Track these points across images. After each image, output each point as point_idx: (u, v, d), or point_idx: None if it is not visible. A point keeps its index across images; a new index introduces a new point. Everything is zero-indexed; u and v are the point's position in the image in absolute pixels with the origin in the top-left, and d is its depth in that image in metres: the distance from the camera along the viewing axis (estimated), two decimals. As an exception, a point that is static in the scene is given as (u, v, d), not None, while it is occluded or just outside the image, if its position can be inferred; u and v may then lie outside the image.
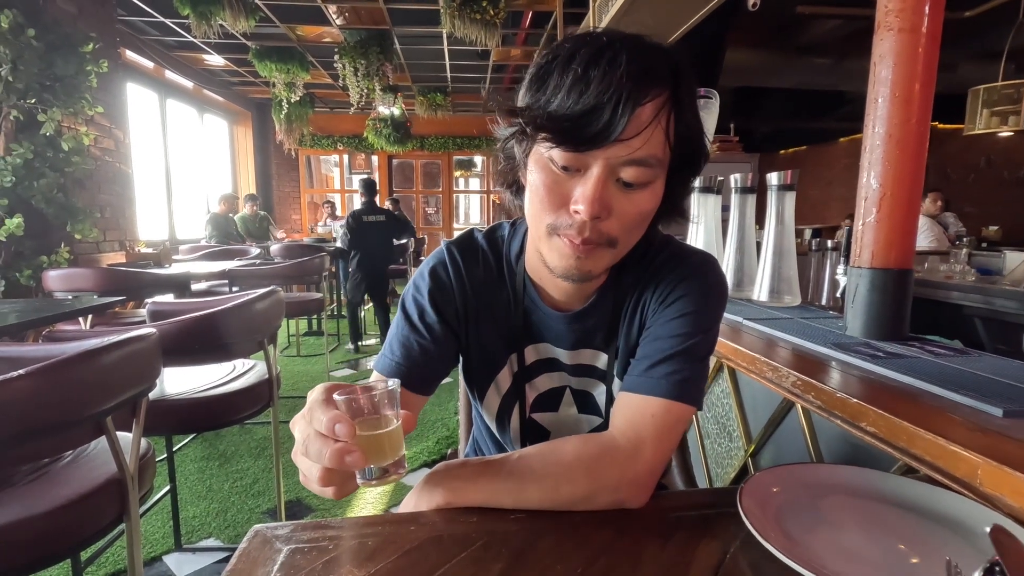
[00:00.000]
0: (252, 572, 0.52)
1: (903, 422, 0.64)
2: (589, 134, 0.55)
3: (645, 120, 0.56)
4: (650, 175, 0.59)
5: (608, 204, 0.59)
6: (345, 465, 0.46)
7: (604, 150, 0.56)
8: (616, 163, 0.58)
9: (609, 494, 0.61)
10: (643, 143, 0.56)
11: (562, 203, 0.60)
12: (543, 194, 0.61)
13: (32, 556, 1.04)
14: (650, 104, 0.56)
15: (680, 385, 0.64)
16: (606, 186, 0.58)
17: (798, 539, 0.53)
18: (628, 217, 0.60)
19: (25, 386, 0.95)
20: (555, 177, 0.60)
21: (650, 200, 0.61)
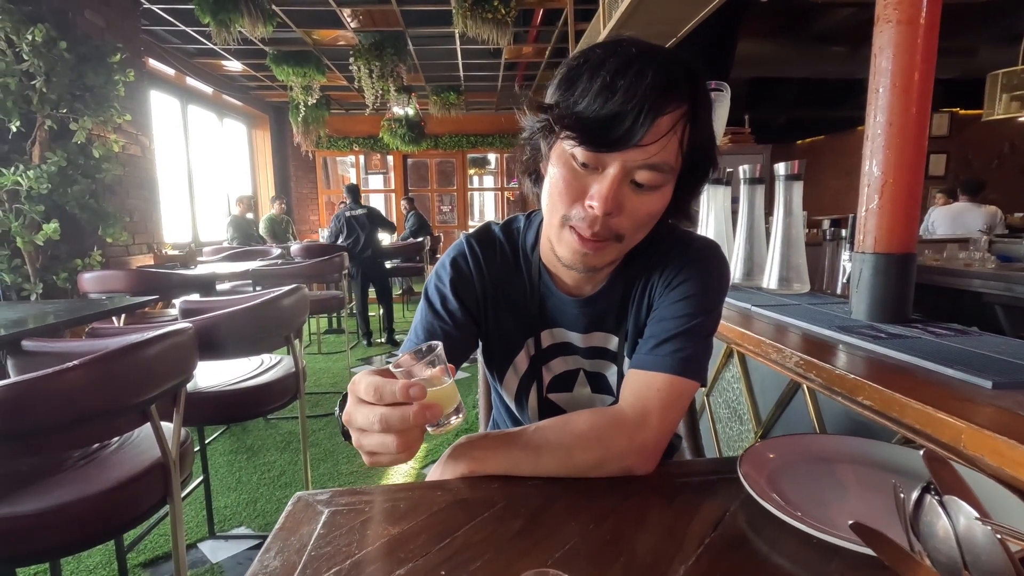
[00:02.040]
0: (297, 529, 0.59)
1: (895, 394, 0.68)
2: (611, 137, 0.61)
3: (663, 129, 0.61)
4: (662, 179, 0.64)
5: (620, 202, 0.64)
6: (428, 419, 0.52)
7: (623, 153, 0.62)
8: (632, 166, 0.63)
9: (618, 461, 0.66)
10: (659, 150, 0.62)
11: (578, 197, 0.66)
12: (562, 187, 0.66)
13: (85, 533, 1.12)
14: (669, 116, 0.61)
15: (684, 362, 0.69)
16: (620, 186, 0.64)
17: (791, 498, 0.57)
18: (637, 216, 0.66)
19: (77, 376, 1.03)
20: (575, 173, 0.66)
21: (659, 202, 0.67)
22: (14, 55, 2.67)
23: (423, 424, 0.53)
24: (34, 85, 2.74)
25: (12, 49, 2.66)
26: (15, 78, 2.66)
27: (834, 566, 0.49)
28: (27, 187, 2.72)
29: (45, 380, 0.98)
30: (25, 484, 1.14)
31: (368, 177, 9.51)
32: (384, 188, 9.43)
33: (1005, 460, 0.54)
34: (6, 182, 2.68)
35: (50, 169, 2.81)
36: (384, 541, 0.56)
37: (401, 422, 0.52)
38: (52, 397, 1.00)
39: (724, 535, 0.55)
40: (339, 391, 3.86)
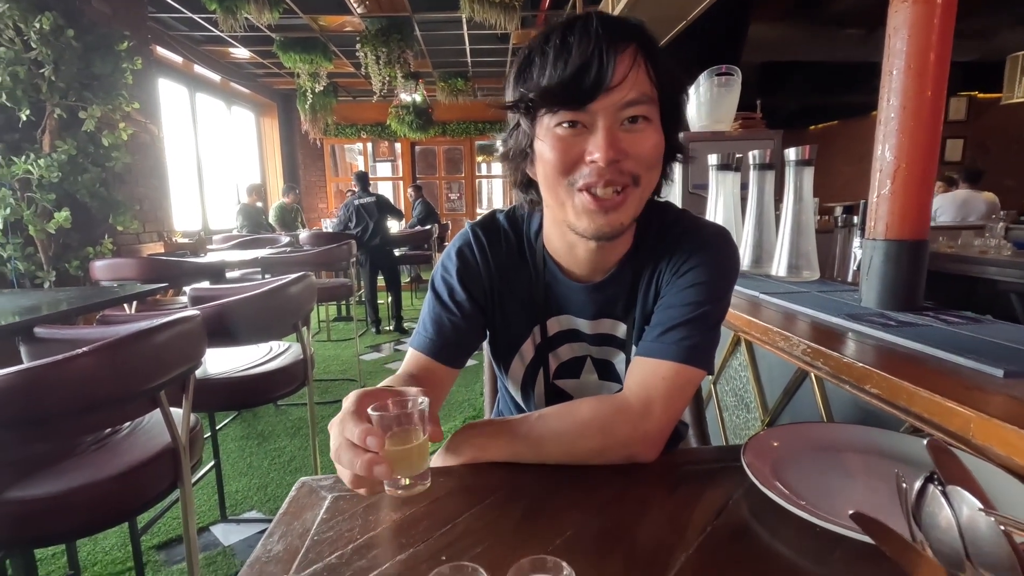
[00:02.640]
0: (301, 515, 0.59)
1: (903, 382, 0.67)
2: (586, 88, 0.62)
3: (628, 64, 0.63)
4: (647, 110, 0.65)
5: (621, 147, 0.64)
6: (373, 475, 0.49)
7: (602, 100, 0.63)
8: (616, 109, 0.64)
9: (621, 449, 0.66)
10: (632, 84, 0.63)
11: (577, 161, 0.66)
12: (557, 158, 0.66)
13: (98, 517, 1.14)
14: (627, 52, 0.63)
15: (690, 350, 0.69)
16: (615, 133, 0.64)
17: (795, 487, 0.57)
18: (642, 154, 0.66)
19: (89, 363, 1.04)
20: (566, 141, 0.66)
21: (655, 135, 0.67)
22: (22, 43, 2.68)
23: (369, 478, 0.51)
24: (43, 74, 2.75)
25: (20, 38, 2.67)
26: (24, 67, 2.67)
27: (837, 555, 0.49)
28: (38, 176, 2.74)
29: (57, 366, 0.99)
30: (39, 468, 1.16)
31: (376, 165, 9.50)
32: (392, 176, 9.41)
33: (1014, 450, 0.53)
34: (17, 170, 2.70)
35: (60, 158, 2.82)
36: (386, 526, 0.56)
37: (349, 465, 0.51)
38: (63, 383, 1.01)
39: (726, 524, 0.54)
40: (348, 378, 3.89)
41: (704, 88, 2.35)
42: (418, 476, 0.52)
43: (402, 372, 0.77)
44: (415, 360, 0.78)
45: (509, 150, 0.73)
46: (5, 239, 2.74)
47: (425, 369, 0.77)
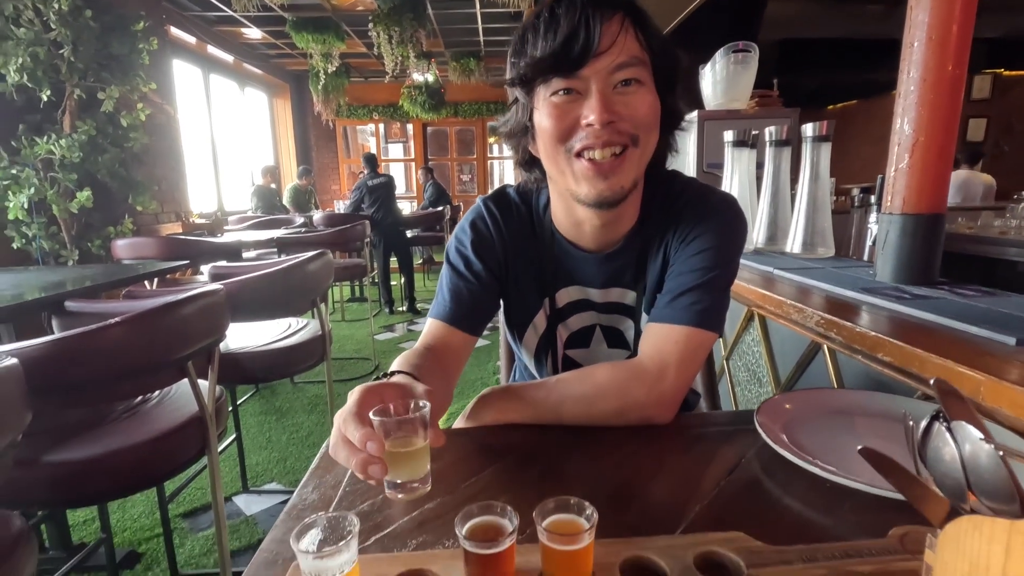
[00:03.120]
0: (332, 468, 0.62)
1: (915, 349, 0.68)
2: (575, 54, 0.65)
3: (616, 30, 0.65)
4: (638, 72, 0.67)
5: (615, 110, 0.66)
6: (368, 476, 0.47)
7: (592, 66, 0.65)
8: (607, 73, 0.65)
9: (638, 411, 0.68)
10: (621, 48, 0.65)
11: (574, 126, 0.68)
12: (553, 125, 0.68)
13: (130, 479, 1.19)
14: (614, 19, 0.65)
15: (701, 314, 0.70)
16: (608, 96, 0.66)
17: (806, 446, 0.59)
18: (636, 115, 0.67)
19: (120, 332, 1.08)
20: (561, 108, 0.68)
21: (649, 97, 0.68)
22: (42, 24, 2.70)
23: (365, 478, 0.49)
24: (62, 54, 2.78)
25: (40, 19, 2.70)
26: (44, 48, 2.70)
27: (847, 507, 0.51)
28: (60, 156, 2.79)
29: (90, 336, 1.03)
30: (75, 434, 1.21)
31: (388, 146, 9.49)
32: (404, 157, 9.40)
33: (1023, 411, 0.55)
34: (40, 151, 2.75)
35: (81, 138, 2.87)
36: (413, 479, 0.59)
37: (345, 462, 0.50)
38: (97, 352, 1.05)
39: (739, 479, 0.57)
40: (362, 357, 3.95)
41: (720, 65, 2.32)
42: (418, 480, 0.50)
43: (421, 344, 0.78)
44: (434, 329, 0.80)
45: (511, 128, 0.76)
46: (30, 218, 2.80)
47: (444, 338, 0.78)
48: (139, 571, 1.76)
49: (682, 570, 0.40)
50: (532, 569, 0.41)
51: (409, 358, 0.71)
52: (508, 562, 0.39)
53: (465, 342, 0.80)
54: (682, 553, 0.42)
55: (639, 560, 0.42)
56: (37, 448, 1.13)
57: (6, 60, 2.60)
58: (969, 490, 0.29)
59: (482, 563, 0.39)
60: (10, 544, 0.88)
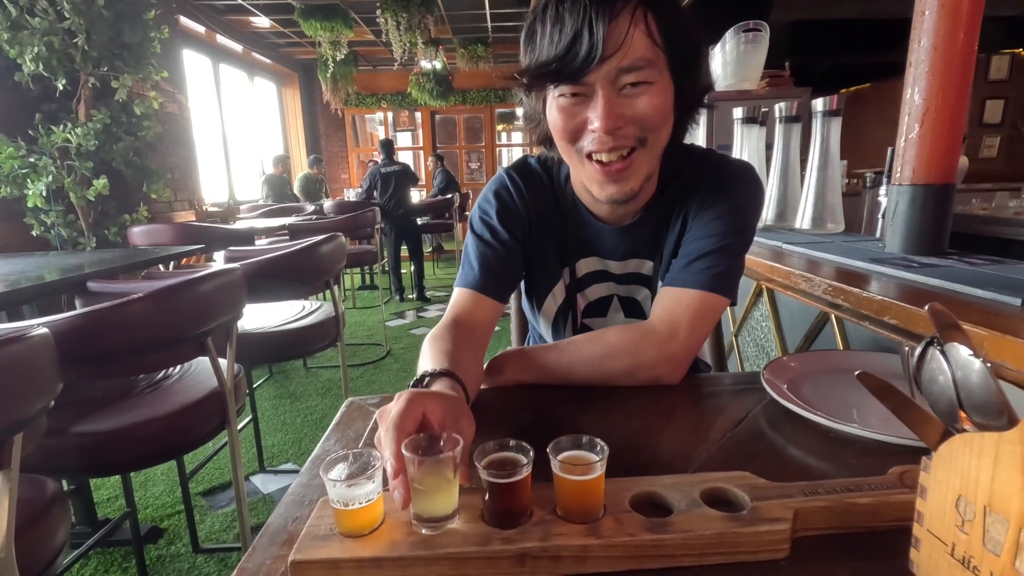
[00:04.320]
0: (352, 425, 0.65)
1: (920, 310, 0.69)
2: (578, 62, 0.62)
3: (622, 30, 0.62)
4: (647, 75, 0.65)
5: (621, 114, 0.65)
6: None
7: (597, 71, 0.63)
8: (613, 76, 0.64)
9: (648, 370, 0.70)
10: (627, 51, 0.62)
11: (582, 128, 0.68)
12: (561, 127, 0.69)
13: (153, 451, 1.23)
14: (622, 14, 0.62)
15: (714, 278, 0.72)
16: (613, 99, 0.65)
17: (811, 401, 0.61)
18: (644, 118, 0.66)
19: (143, 307, 1.11)
20: (568, 111, 0.68)
21: (658, 97, 0.66)
22: (56, 13, 2.74)
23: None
24: (76, 43, 2.81)
25: (54, 8, 2.73)
26: (58, 36, 2.73)
27: (849, 452, 0.53)
28: (76, 144, 2.84)
29: (116, 309, 1.07)
30: (101, 407, 1.25)
31: (397, 134, 9.49)
32: (412, 145, 9.41)
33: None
34: (57, 139, 2.79)
35: (96, 126, 2.91)
36: (430, 433, 0.62)
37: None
38: (120, 325, 1.09)
39: (745, 430, 0.58)
40: (374, 343, 4.00)
41: (730, 46, 2.30)
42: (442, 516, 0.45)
43: (449, 317, 0.78)
44: (462, 299, 0.80)
45: (527, 112, 0.77)
46: (48, 206, 2.85)
47: (473, 307, 0.78)
48: (162, 545, 1.82)
49: (689, 503, 0.42)
50: (547, 502, 0.43)
51: (443, 344, 0.68)
52: (524, 492, 0.42)
53: (494, 310, 0.80)
54: (689, 489, 0.44)
55: (648, 495, 0.44)
56: (66, 419, 1.17)
57: (22, 49, 2.64)
58: (961, 410, 0.31)
59: (500, 491, 0.41)
60: (45, 505, 0.92)
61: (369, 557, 0.38)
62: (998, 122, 6.94)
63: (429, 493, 0.44)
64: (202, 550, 1.78)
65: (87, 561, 1.73)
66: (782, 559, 0.39)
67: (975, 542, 0.31)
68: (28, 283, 1.46)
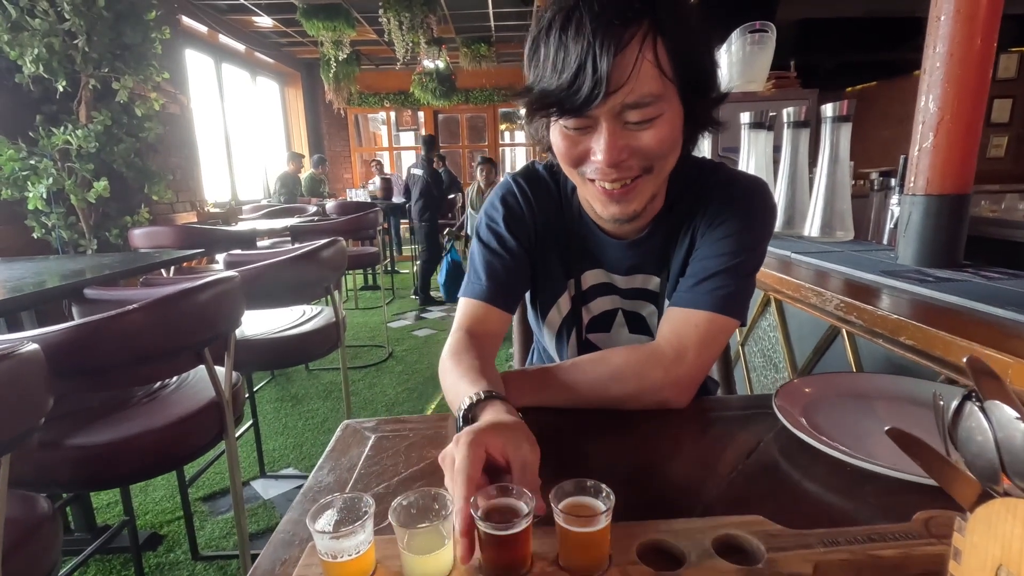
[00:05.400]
0: (347, 451, 0.63)
1: (939, 332, 0.66)
2: (580, 99, 0.59)
3: (629, 63, 0.58)
4: (653, 111, 0.61)
5: (625, 147, 0.63)
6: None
7: (601, 106, 0.59)
8: (617, 110, 0.61)
9: (654, 394, 0.67)
10: (633, 86, 0.58)
11: (584, 156, 0.66)
12: (564, 154, 0.67)
13: (150, 463, 1.21)
14: (630, 44, 0.58)
15: (724, 299, 0.69)
16: (617, 133, 0.62)
17: (826, 430, 0.58)
18: (651, 151, 0.64)
19: (138, 318, 1.09)
20: (571, 139, 0.65)
21: (665, 129, 0.63)
22: (56, 15, 2.72)
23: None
24: (76, 44, 2.80)
25: (54, 9, 2.71)
26: (58, 38, 2.72)
27: (868, 491, 0.50)
28: (76, 146, 2.82)
29: (110, 321, 1.05)
30: (96, 419, 1.23)
31: (399, 134, 9.47)
32: (415, 145, 9.38)
33: (1053, 394, 0.53)
34: (57, 141, 2.78)
35: (97, 128, 2.89)
36: (428, 462, 0.59)
37: None
38: (116, 336, 1.07)
39: (757, 462, 0.56)
40: (376, 344, 3.98)
41: (736, 47, 2.27)
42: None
43: (460, 329, 0.76)
44: (470, 309, 0.78)
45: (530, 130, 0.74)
46: (49, 208, 2.84)
47: (481, 318, 0.77)
48: (161, 552, 1.80)
49: (700, 553, 0.39)
50: (548, 552, 0.41)
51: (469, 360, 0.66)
52: (524, 544, 0.39)
53: (502, 321, 0.78)
54: (700, 536, 0.41)
55: (656, 543, 0.41)
56: (61, 432, 1.15)
57: (22, 51, 2.63)
58: (1003, 472, 0.28)
59: (498, 544, 0.38)
60: (35, 525, 0.90)
61: (359, 613, 0.36)
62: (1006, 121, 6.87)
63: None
64: (201, 557, 1.77)
65: (86, 569, 1.72)
66: (800, 616, 0.37)
67: (1017, 615, 0.28)
68: (25, 290, 1.45)
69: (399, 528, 0.38)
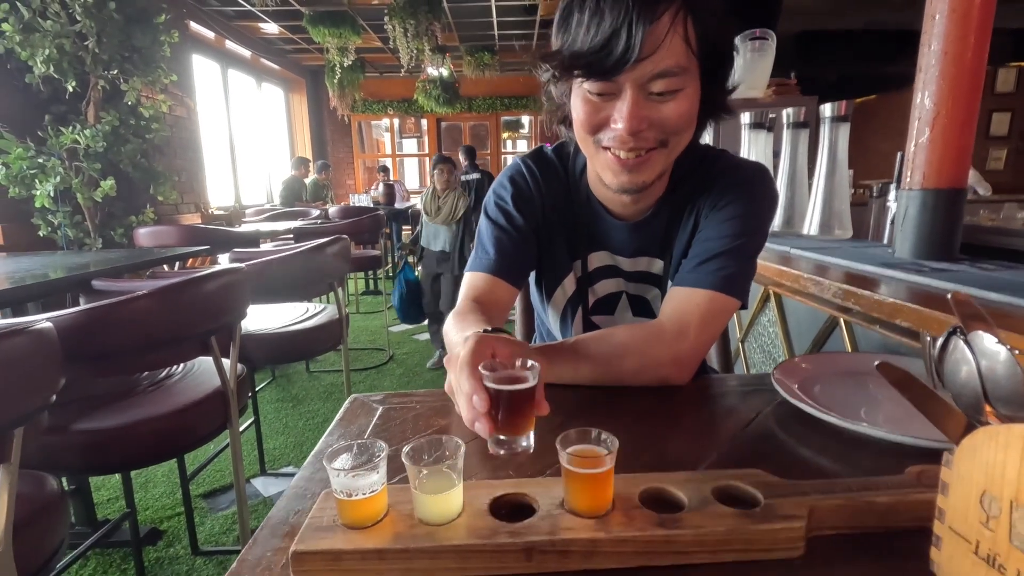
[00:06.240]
0: (355, 420, 0.64)
1: (935, 312, 0.68)
2: (612, 61, 0.61)
3: (661, 34, 0.60)
4: (678, 83, 0.64)
5: (645, 117, 0.65)
6: (474, 429, 0.49)
7: (630, 72, 0.62)
8: (643, 80, 0.63)
9: (655, 370, 0.69)
10: (664, 56, 0.61)
11: (604, 123, 0.67)
12: (584, 120, 0.68)
13: (155, 448, 1.23)
14: (663, 17, 0.60)
15: (726, 279, 0.71)
16: (640, 103, 0.64)
17: (823, 402, 0.59)
18: (668, 123, 0.66)
19: (146, 304, 1.11)
20: (593, 105, 0.67)
21: (685, 104, 0.66)
22: (68, 16, 2.76)
23: (472, 429, 0.49)
24: (87, 46, 2.84)
25: (66, 11, 2.76)
26: (69, 39, 2.76)
27: (863, 454, 0.51)
28: (84, 145, 2.85)
29: (118, 306, 1.06)
30: (102, 405, 1.25)
31: (402, 141, 9.54)
32: (418, 152, 9.45)
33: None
34: (65, 140, 2.81)
35: (105, 128, 2.93)
36: (435, 429, 0.61)
37: (459, 409, 0.52)
38: (124, 322, 1.09)
39: (756, 430, 0.57)
40: (377, 347, 3.99)
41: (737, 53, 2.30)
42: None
43: (467, 299, 0.77)
44: (477, 282, 0.79)
45: (551, 92, 0.75)
46: (55, 207, 2.86)
47: (488, 290, 0.78)
48: (161, 547, 1.81)
49: (700, 500, 0.41)
50: (556, 495, 0.42)
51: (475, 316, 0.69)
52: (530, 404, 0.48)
53: (509, 294, 0.79)
54: (700, 485, 0.42)
55: (658, 491, 0.43)
56: (68, 416, 1.16)
57: (33, 52, 2.67)
58: (986, 400, 0.30)
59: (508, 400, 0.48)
60: (45, 502, 0.91)
61: (372, 548, 0.38)
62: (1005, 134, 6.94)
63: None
64: (201, 552, 1.77)
65: (86, 562, 1.72)
66: (797, 558, 0.38)
67: (1001, 539, 0.30)
68: (33, 280, 1.47)
69: (411, 467, 0.40)
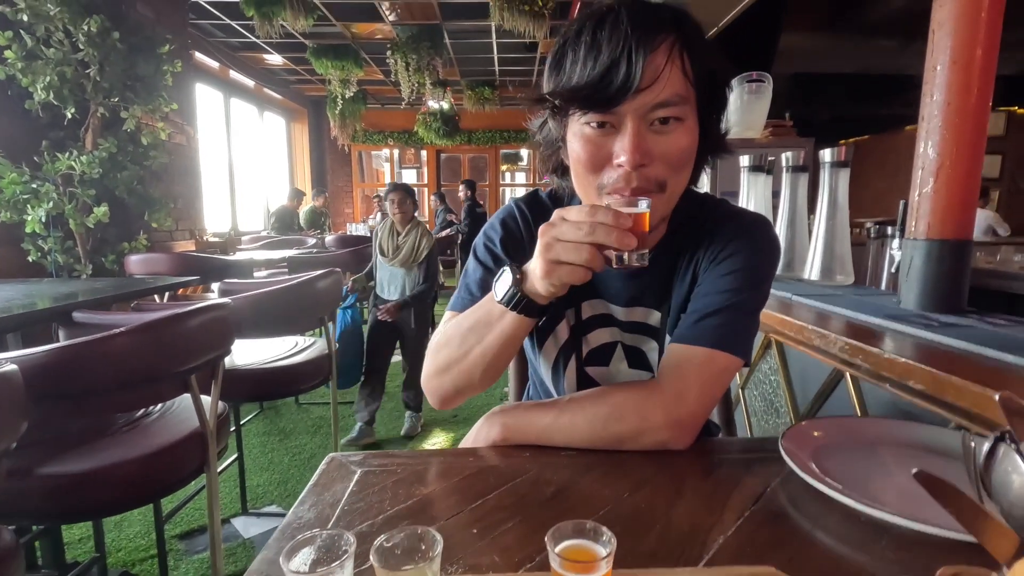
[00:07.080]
0: (331, 486, 0.59)
1: (951, 376, 0.64)
2: (613, 90, 0.61)
3: (660, 64, 0.61)
4: (679, 112, 0.63)
5: (648, 150, 0.63)
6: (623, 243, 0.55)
7: (631, 102, 0.61)
8: (645, 110, 0.62)
9: (653, 434, 0.64)
10: (664, 85, 0.61)
11: (605, 161, 0.65)
12: (585, 157, 0.66)
13: (126, 495, 1.16)
14: (660, 48, 0.61)
15: (726, 337, 0.67)
16: (642, 134, 0.63)
17: (836, 475, 0.55)
18: (671, 157, 0.64)
19: (124, 342, 1.07)
20: (594, 141, 0.65)
21: (686, 137, 0.64)
22: (71, 45, 2.78)
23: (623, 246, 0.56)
24: (88, 74, 2.85)
25: (69, 39, 2.78)
26: (71, 67, 2.77)
27: (884, 543, 0.47)
28: (80, 172, 2.84)
29: (94, 344, 1.02)
30: (74, 446, 1.19)
31: (401, 171, 9.62)
32: (417, 183, 9.51)
33: (1074, 444, 0.50)
34: (61, 166, 2.79)
35: (101, 155, 2.92)
36: (416, 500, 0.56)
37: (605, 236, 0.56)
38: (100, 360, 1.04)
39: (764, 509, 0.53)
40: (369, 379, 3.91)
41: (734, 95, 2.32)
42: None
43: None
44: None
45: (544, 137, 0.73)
46: (46, 232, 2.83)
47: None
48: (131, 593, 1.71)
49: (708, 607, 0.36)
50: (542, 600, 0.37)
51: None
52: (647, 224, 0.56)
53: None
54: (707, 587, 0.38)
55: (660, 594, 0.38)
56: (32, 459, 1.10)
57: (34, 79, 2.67)
58: (1043, 522, 0.26)
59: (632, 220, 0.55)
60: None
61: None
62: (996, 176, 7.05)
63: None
64: (173, 600, 1.67)
65: (50, 609, 1.62)
66: None
67: None
68: (16, 311, 1.42)
69: (380, 569, 0.35)
